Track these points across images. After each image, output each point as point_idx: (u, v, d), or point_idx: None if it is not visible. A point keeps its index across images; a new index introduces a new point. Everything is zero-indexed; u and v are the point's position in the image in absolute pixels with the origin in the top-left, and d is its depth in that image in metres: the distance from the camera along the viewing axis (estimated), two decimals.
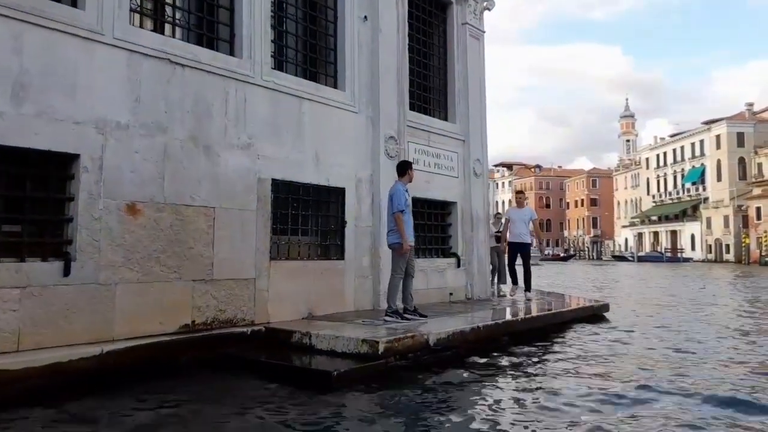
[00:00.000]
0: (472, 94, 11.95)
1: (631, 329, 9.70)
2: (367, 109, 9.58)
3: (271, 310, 7.75)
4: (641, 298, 16.85)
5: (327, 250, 8.88)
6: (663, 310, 13.13)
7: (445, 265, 11.09)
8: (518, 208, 11.62)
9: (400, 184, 8.17)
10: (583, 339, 8.74)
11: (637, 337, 9.02)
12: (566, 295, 13.69)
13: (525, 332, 8.63)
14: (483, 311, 9.63)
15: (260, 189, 7.74)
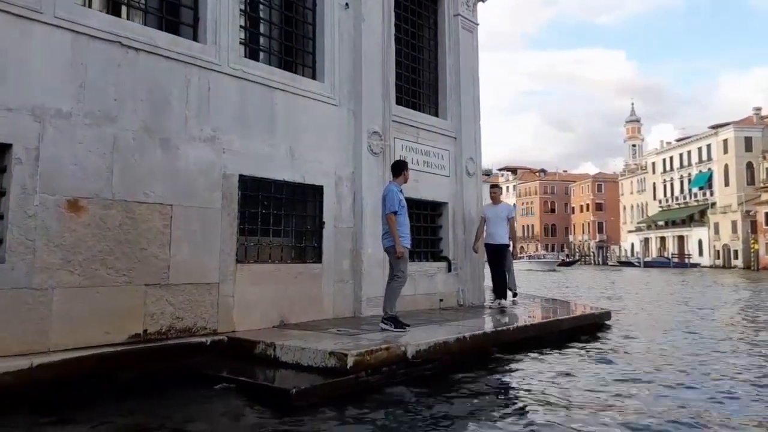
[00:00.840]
0: (465, 89, 11.30)
1: (632, 340, 9.02)
2: (348, 102, 8.95)
3: (237, 318, 7.11)
4: (647, 306, 16.13)
5: (302, 252, 8.24)
6: (669, 320, 12.43)
7: (435, 269, 10.43)
8: (493, 204, 10.56)
9: (394, 185, 7.58)
10: (578, 353, 8.06)
11: (636, 356, 8.33)
12: (567, 303, 12.99)
13: (517, 342, 7.97)
14: (474, 319, 8.97)
15: (226, 185, 7.11)
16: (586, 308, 11.26)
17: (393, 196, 7.43)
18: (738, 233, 61.78)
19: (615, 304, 15.32)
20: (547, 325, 8.94)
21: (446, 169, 10.85)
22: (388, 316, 7.34)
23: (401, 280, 7.45)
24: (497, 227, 10.17)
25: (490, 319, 9.13)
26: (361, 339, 6.59)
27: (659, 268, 61.43)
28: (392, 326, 7.25)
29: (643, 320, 12.08)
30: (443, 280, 10.56)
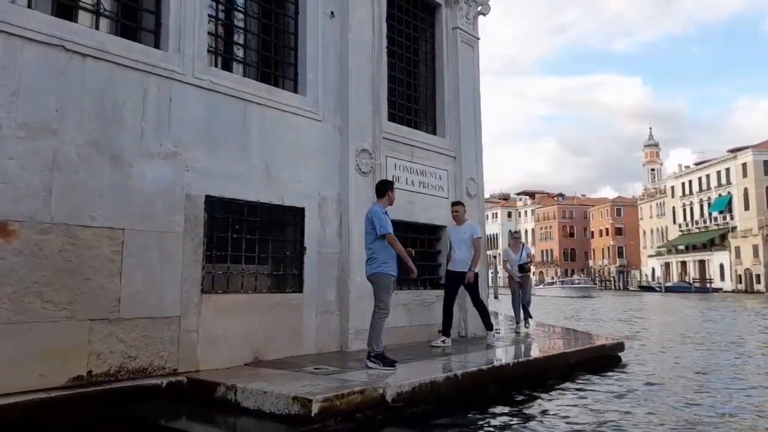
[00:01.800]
0: (465, 107, 10.58)
1: (647, 379, 8.11)
2: (333, 118, 8.25)
3: (203, 355, 6.35)
4: (666, 335, 15.11)
5: (281, 281, 7.49)
6: (690, 351, 11.46)
7: (434, 297, 9.61)
8: (456, 225, 8.96)
9: (378, 206, 6.87)
10: (580, 394, 7.18)
11: (650, 399, 7.43)
12: (576, 332, 12.06)
13: (520, 379, 7.16)
14: (475, 353, 8.15)
15: (189, 207, 6.39)
16: (595, 339, 10.34)
17: (382, 216, 6.73)
18: (760, 257, 60.24)
19: (633, 329, 14.37)
20: (552, 359, 8.07)
21: (444, 190, 10.09)
22: (374, 353, 6.57)
23: (383, 312, 6.73)
24: (459, 250, 8.67)
25: (492, 353, 8.30)
26: (339, 379, 5.80)
27: (681, 293, 59.84)
28: (380, 364, 6.49)
29: (659, 352, 11.12)
30: (441, 310, 9.72)
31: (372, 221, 6.79)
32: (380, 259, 6.77)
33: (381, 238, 6.73)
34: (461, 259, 8.59)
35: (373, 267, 6.77)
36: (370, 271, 6.78)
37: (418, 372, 6.34)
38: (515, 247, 12.10)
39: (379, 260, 6.78)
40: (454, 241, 8.75)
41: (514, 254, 11.86)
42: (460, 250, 8.63)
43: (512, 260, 11.76)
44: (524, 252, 11.87)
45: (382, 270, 6.74)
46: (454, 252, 8.70)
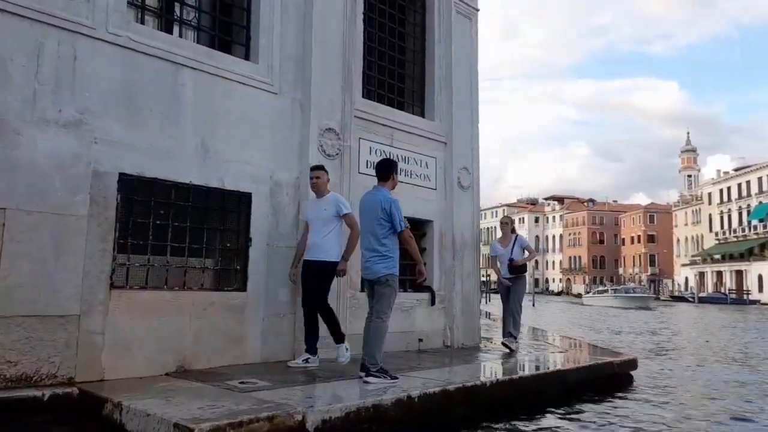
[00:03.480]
0: (459, 86, 9.41)
1: (652, 411, 6.83)
2: (293, 91, 7.17)
3: (109, 362, 5.32)
4: (697, 351, 13.68)
5: (218, 277, 6.43)
6: (721, 371, 10.11)
7: (414, 302, 8.46)
8: (316, 198, 6.57)
9: (386, 191, 5.94)
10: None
11: None
12: (583, 345, 10.77)
13: (501, 403, 5.98)
14: (459, 366, 7.03)
15: (97, 186, 5.36)
16: (602, 355, 9.06)
17: (400, 207, 5.88)
18: None
19: (659, 342, 13.01)
20: (545, 377, 6.85)
21: (431, 180, 8.94)
22: (377, 366, 5.68)
23: (387, 321, 5.89)
24: (317, 232, 6.33)
25: (477, 367, 7.13)
26: (256, 399, 4.69)
27: (715, 304, 57.41)
28: (384, 377, 5.65)
29: (686, 370, 9.79)
30: (425, 316, 8.58)
31: (389, 212, 5.77)
32: (394, 257, 5.84)
33: (394, 234, 5.75)
34: (318, 243, 6.29)
35: (386, 266, 5.79)
36: (383, 270, 5.76)
37: (357, 392, 5.21)
38: (505, 238, 9.23)
39: (393, 259, 5.83)
40: (312, 220, 6.45)
41: (503, 248, 9.10)
42: (319, 232, 6.32)
43: (500, 256, 9.08)
44: (517, 245, 8.99)
45: (394, 271, 5.83)
46: (310, 235, 6.43)
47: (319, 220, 6.35)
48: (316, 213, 6.43)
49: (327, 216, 6.34)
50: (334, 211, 6.35)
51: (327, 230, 6.30)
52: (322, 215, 6.35)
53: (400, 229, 5.75)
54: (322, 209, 6.38)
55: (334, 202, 6.42)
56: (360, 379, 5.64)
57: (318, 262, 6.27)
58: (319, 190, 6.49)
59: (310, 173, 6.57)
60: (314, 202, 6.55)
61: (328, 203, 6.40)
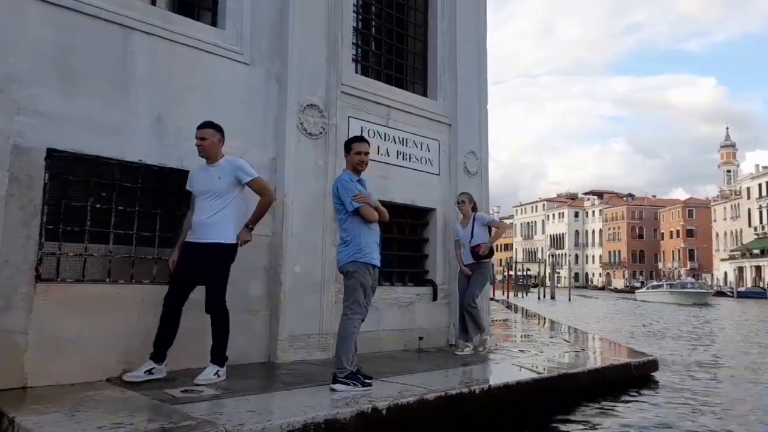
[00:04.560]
0: (465, 63, 8.56)
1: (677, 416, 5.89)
2: (268, 62, 6.43)
3: (34, 366, 4.64)
4: (727, 348, 12.54)
5: None
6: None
7: (413, 296, 7.67)
8: (207, 164, 5.18)
9: (346, 173, 5.15)
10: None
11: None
12: (603, 343, 9.80)
13: (498, 410, 5.19)
14: (448, 370, 6.20)
15: (19, 163, 4.66)
16: (618, 354, 8.12)
17: (350, 186, 5.02)
18: None
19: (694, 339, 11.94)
20: (549, 382, 5.97)
21: (434, 164, 8.11)
22: (344, 372, 4.85)
23: (356, 316, 4.97)
24: (206, 209, 5.02)
25: (476, 370, 6.29)
26: (181, 414, 3.95)
27: (754, 299, 55.25)
28: (355, 384, 4.83)
29: (705, 370, 8.78)
30: (426, 312, 7.79)
31: (337, 194, 5.07)
32: (355, 243, 5.00)
33: (354, 216, 4.98)
34: (207, 222, 4.94)
35: (347, 253, 5.01)
36: (344, 259, 5.02)
37: (317, 403, 4.43)
38: (465, 218, 7.59)
39: (353, 245, 5.00)
40: (200, 193, 5.09)
41: (463, 230, 7.58)
42: (209, 208, 4.98)
43: (461, 240, 7.55)
44: (477, 225, 7.41)
45: (358, 258, 4.96)
46: (196, 211, 5.07)
47: (210, 193, 5.00)
48: (205, 184, 5.05)
49: (221, 187, 5.02)
50: (230, 179, 5.06)
51: (221, 205, 4.99)
52: (214, 186, 5.01)
53: (351, 209, 4.97)
54: (214, 178, 5.03)
55: (230, 168, 5.09)
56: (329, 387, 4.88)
57: (208, 246, 4.92)
58: (208, 154, 5.07)
59: (196, 132, 5.09)
60: (202, 171, 5.14)
61: (222, 171, 5.06)
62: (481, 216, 7.60)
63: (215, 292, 5.02)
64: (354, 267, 4.92)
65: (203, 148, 5.06)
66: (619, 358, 7.68)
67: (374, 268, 5.01)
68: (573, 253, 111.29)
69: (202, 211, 4.98)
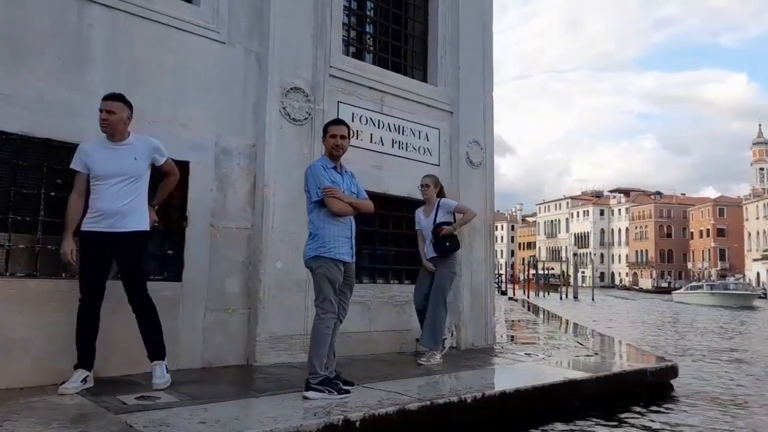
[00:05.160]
0: (468, 47, 8.01)
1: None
2: (247, 40, 5.98)
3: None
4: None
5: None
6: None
7: (410, 294, 7.13)
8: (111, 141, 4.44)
9: (321, 159, 4.70)
10: None
11: None
12: (620, 346, 9.18)
13: (488, 422, 4.67)
14: (442, 376, 5.68)
15: None
16: (634, 359, 7.52)
17: (319, 174, 4.51)
18: None
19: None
20: (551, 390, 5.42)
21: (433, 154, 7.59)
22: (317, 377, 4.34)
23: (325, 316, 4.45)
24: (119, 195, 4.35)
25: (472, 376, 5.77)
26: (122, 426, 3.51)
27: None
28: (330, 391, 4.32)
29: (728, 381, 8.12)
30: None
31: (306, 182, 4.61)
32: (320, 236, 4.49)
33: (321, 207, 4.49)
34: (122, 210, 4.32)
35: (312, 247, 4.53)
36: (306, 254, 4.56)
37: (284, 413, 3.96)
38: (429, 205, 6.67)
39: (318, 238, 4.50)
40: (106, 176, 4.32)
41: (425, 218, 6.65)
42: (125, 195, 4.34)
43: (423, 230, 6.64)
44: (441, 212, 6.50)
45: (321, 252, 4.45)
46: (101, 197, 4.33)
47: (124, 176, 4.34)
48: (116, 166, 4.33)
49: (138, 170, 4.41)
50: (148, 161, 4.48)
51: (137, 190, 4.40)
52: (130, 169, 4.37)
53: (316, 198, 4.50)
54: (128, 160, 4.37)
55: (146, 148, 4.47)
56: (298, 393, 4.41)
57: (128, 236, 4.35)
58: (114, 131, 4.36)
59: (101, 104, 4.36)
60: (105, 149, 4.37)
61: (138, 151, 4.43)
62: (446, 202, 6.51)
63: (139, 284, 4.51)
64: (317, 263, 4.45)
65: (109, 123, 4.34)
66: (633, 364, 7.08)
67: (343, 264, 4.50)
68: (598, 252, 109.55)
69: (115, 197, 4.31)
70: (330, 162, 4.60)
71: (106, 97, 4.43)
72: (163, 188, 4.72)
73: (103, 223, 4.33)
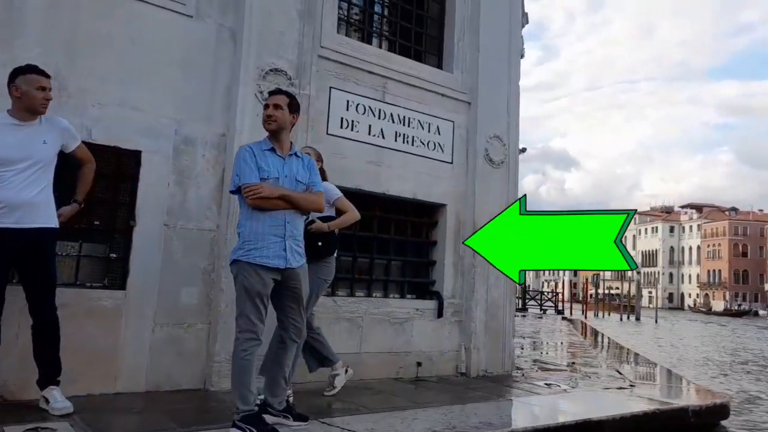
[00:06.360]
0: (491, 29, 7.05)
1: None
2: (220, 15, 5.22)
3: None
4: None
5: (80, 268, 4.57)
6: None
7: (411, 311, 6.24)
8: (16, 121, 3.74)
9: (260, 141, 3.85)
10: None
11: None
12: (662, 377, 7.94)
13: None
14: (425, 410, 4.74)
15: None
16: (673, 395, 6.34)
17: (241, 162, 3.68)
18: None
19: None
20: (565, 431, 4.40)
21: (446, 150, 6.66)
22: (241, 412, 3.52)
23: (246, 337, 3.59)
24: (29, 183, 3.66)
25: (466, 411, 4.80)
26: None
27: None
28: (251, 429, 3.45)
29: None
30: (428, 332, 6.33)
31: None
32: (242, 235, 3.69)
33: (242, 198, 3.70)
34: (32, 202, 3.66)
35: (234, 249, 3.72)
36: (231, 256, 3.75)
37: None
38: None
39: (240, 238, 3.71)
40: (13, 160, 3.61)
41: None
42: (34, 182, 3.66)
43: None
44: None
45: (240, 255, 3.62)
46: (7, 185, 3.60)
47: (32, 161, 3.63)
48: (21, 148, 3.61)
49: (49, 155, 3.74)
50: (58, 146, 3.79)
51: (46, 179, 3.71)
52: (39, 153, 3.66)
53: (231, 188, 3.72)
54: (37, 142, 3.69)
55: (56, 130, 3.80)
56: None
57: (42, 233, 3.69)
58: (32, 106, 3.70)
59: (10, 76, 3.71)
60: (12, 130, 3.65)
61: (47, 133, 3.74)
62: (331, 191, 4.69)
63: (51, 294, 3.78)
64: (235, 268, 3.61)
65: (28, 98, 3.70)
66: (672, 401, 5.93)
67: (275, 270, 3.61)
68: (667, 271, 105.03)
69: (23, 186, 3.60)
70: (268, 142, 3.76)
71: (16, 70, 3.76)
72: (83, 180, 4.01)
73: (7, 218, 3.61)
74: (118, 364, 4.51)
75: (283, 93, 3.87)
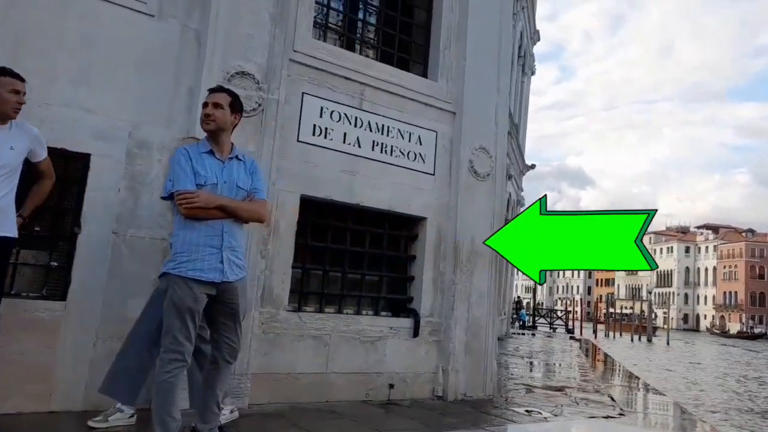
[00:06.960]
0: (479, 35, 6.77)
1: None
2: (185, 15, 4.98)
3: None
4: None
5: (17, 277, 4.30)
6: None
7: (384, 329, 5.92)
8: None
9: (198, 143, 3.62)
10: None
11: None
12: (656, 405, 7.53)
13: None
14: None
15: None
16: (662, 427, 5.97)
17: (175, 165, 3.41)
18: None
19: None
20: None
21: (427, 161, 6.36)
22: None
23: (164, 358, 3.27)
24: None
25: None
26: None
27: None
28: None
29: None
30: (402, 351, 6.01)
31: None
32: (174, 246, 3.41)
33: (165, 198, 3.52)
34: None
35: (165, 261, 3.47)
36: (162, 269, 3.45)
37: None
38: None
39: (172, 249, 3.44)
40: None
41: None
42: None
43: None
44: None
45: (170, 268, 3.33)
46: None
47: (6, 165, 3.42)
48: None
49: (14, 161, 3.48)
50: (24, 153, 3.54)
51: (9, 185, 3.45)
52: (2, 157, 3.42)
53: (163, 194, 3.41)
54: (5, 146, 3.44)
55: (26, 137, 3.56)
56: None
57: (4, 242, 3.45)
58: (3, 110, 3.47)
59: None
60: None
61: (15, 139, 3.50)
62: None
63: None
64: (165, 282, 3.32)
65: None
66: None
67: (210, 284, 3.32)
68: (682, 292, 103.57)
69: None
70: (207, 144, 3.48)
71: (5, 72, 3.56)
72: (37, 194, 3.76)
73: None
74: (54, 381, 4.24)
75: (224, 91, 3.61)
